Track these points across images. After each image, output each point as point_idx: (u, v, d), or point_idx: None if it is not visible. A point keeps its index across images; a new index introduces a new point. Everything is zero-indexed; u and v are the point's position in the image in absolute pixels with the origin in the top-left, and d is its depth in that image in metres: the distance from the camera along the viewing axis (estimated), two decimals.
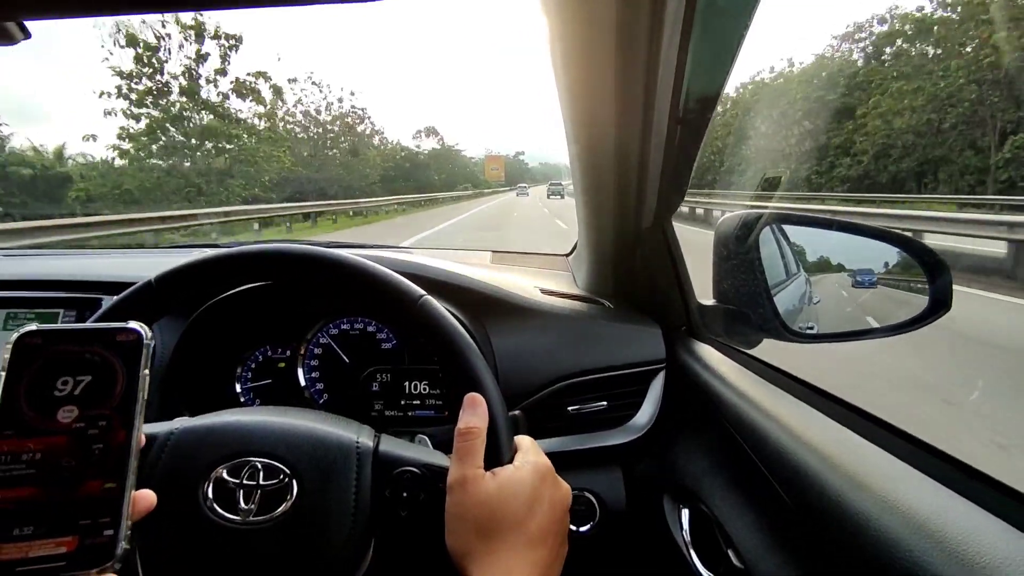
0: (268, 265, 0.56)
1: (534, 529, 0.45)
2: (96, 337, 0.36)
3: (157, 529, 0.45)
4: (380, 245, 1.19)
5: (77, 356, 0.36)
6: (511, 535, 0.44)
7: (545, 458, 0.50)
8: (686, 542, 0.65)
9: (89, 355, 0.36)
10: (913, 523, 0.37)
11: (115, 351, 0.36)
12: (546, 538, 0.45)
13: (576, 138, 0.71)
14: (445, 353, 0.52)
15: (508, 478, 0.46)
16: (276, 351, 0.88)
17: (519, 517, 0.45)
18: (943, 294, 0.63)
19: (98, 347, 0.36)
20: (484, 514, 0.44)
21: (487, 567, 0.43)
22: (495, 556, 0.43)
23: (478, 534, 0.44)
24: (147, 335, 0.37)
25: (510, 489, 0.46)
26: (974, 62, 13.14)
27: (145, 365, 0.36)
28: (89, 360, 0.36)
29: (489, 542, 0.44)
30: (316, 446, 0.49)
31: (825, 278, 0.77)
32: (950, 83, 13.64)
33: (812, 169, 17.48)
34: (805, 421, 0.54)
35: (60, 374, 0.35)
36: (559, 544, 0.47)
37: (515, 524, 0.44)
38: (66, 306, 0.86)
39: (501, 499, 0.45)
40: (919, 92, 14.70)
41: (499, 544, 0.43)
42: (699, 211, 11.30)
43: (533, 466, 0.48)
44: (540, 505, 0.46)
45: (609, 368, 0.80)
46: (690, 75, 0.55)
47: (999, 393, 2.39)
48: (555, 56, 0.60)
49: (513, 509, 0.45)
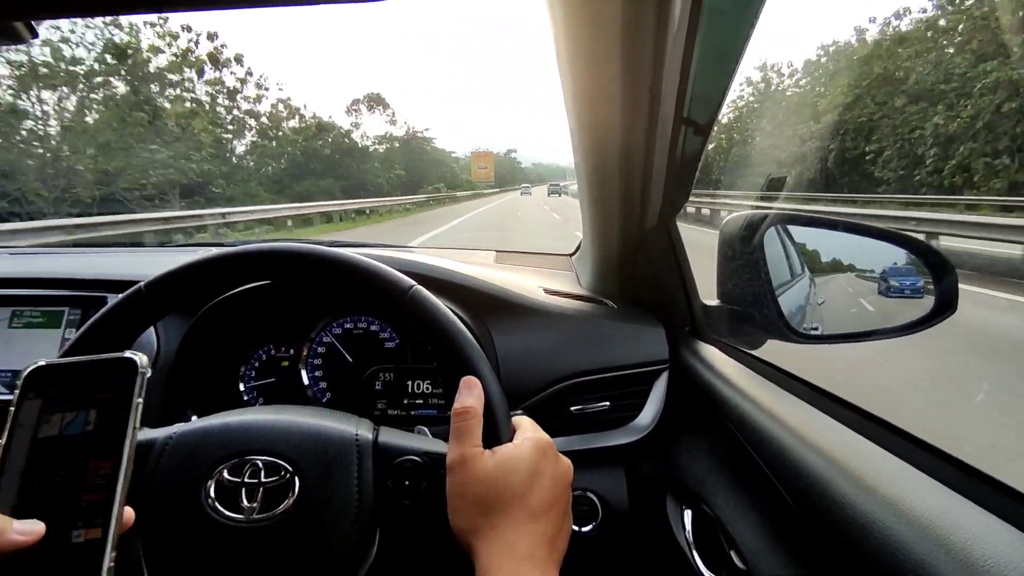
0: (260, 265, 0.56)
1: (536, 503, 0.45)
2: (91, 370, 0.38)
3: (161, 530, 0.45)
4: (383, 244, 1.19)
5: (71, 392, 0.38)
6: (513, 509, 0.44)
7: (545, 434, 0.51)
8: (689, 543, 0.65)
9: (82, 389, 0.38)
10: (918, 526, 0.37)
11: (108, 383, 0.38)
12: (549, 511, 0.46)
13: (581, 138, 0.71)
14: (438, 341, 0.52)
15: (507, 455, 0.47)
16: (279, 350, 0.88)
17: (520, 492, 0.45)
18: (949, 295, 0.62)
19: (89, 384, 0.38)
20: (485, 491, 0.45)
21: (491, 542, 0.43)
22: (499, 531, 0.43)
23: (480, 511, 0.44)
24: (142, 364, 0.38)
25: (510, 465, 0.46)
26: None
27: (139, 394, 0.38)
28: (82, 394, 0.38)
29: (491, 517, 0.44)
30: (316, 441, 0.49)
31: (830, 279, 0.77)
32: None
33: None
34: (809, 422, 0.54)
35: (56, 411, 0.37)
36: (562, 516, 0.47)
37: (516, 499, 0.45)
38: (71, 304, 0.86)
39: (501, 475, 0.45)
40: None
41: (501, 519, 0.44)
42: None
43: (533, 442, 0.48)
44: (541, 479, 0.46)
45: (612, 368, 0.80)
46: (695, 75, 0.55)
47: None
48: (560, 56, 0.59)
49: (513, 484, 0.45)
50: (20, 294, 0.88)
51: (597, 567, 0.75)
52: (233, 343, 0.86)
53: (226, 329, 0.84)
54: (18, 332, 0.85)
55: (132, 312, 0.54)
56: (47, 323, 0.86)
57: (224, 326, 0.83)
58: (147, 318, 0.55)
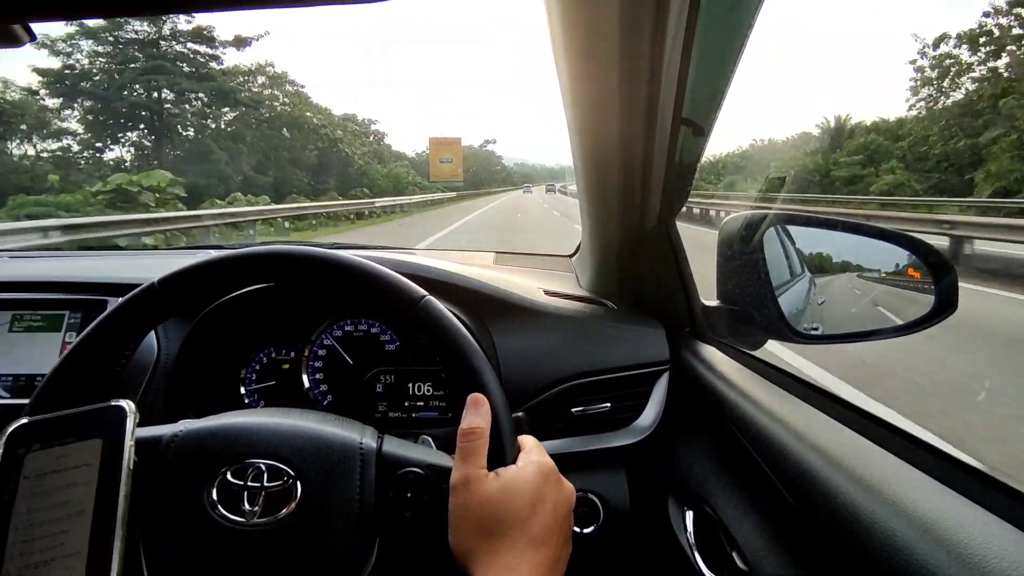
0: (271, 266, 0.56)
1: (537, 529, 0.45)
2: (79, 423, 0.40)
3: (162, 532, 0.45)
4: (383, 247, 1.19)
5: (59, 447, 0.39)
6: (513, 534, 0.44)
7: (548, 458, 0.50)
8: (690, 544, 0.65)
9: (70, 442, 0.39)
10: (919, 526, 0.37)
11: (97, 431, 0.39)
12: (549, 538, 0.45)
13: (580, 139, 0.71)
14: (447, 354, 0.52)
15: (511, 478, 0.46)
16: (280, 352, 0.88)
17: (522, 517, 0.45)
18: (949, 294, 0.62)
19: (76, 437, 0.39)
20: (487, 514, 0.44)
21: (490, 566, 0.43)
22: (498, 555, 0.43)
23: (481, 534, 0.44)
24: (130, 409, 0.40)
25: (513, 489, 0.46)
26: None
27: (131, 437, 0.39)
28: (70, 449, 0.39)
29: (492, 541, 0.44)
30: (320, 447, 0.49)
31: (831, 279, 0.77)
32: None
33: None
34: (810, 423, 0.54)
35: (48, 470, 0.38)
36: (562, 544, 0.47)
37: (518, 524, 0.44)
38: (71, 308, 0.86)
39: (504, 499, 0.45)
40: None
41: (501, 543, 0.44)
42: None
43: (536, 466, 0.48)
44: (543, 505, 0.46)
45: (613, 369, 0.80)
46: (694, 76, 0.55)
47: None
48: (559, 58, 0.60)
49: (516, 509, 0.45)
50: (20, 298, 0.88)
51: (599, 568, 0.75)
52: (234, 346, 0.86)
53: (227, 332, 0.84)
54: (19, 336, 0.85)
55: (144, 309, 0.53)
56: (48, 327, 0.86)
57: (225, 329, 0.83)
58: (158, 316, 0.54)
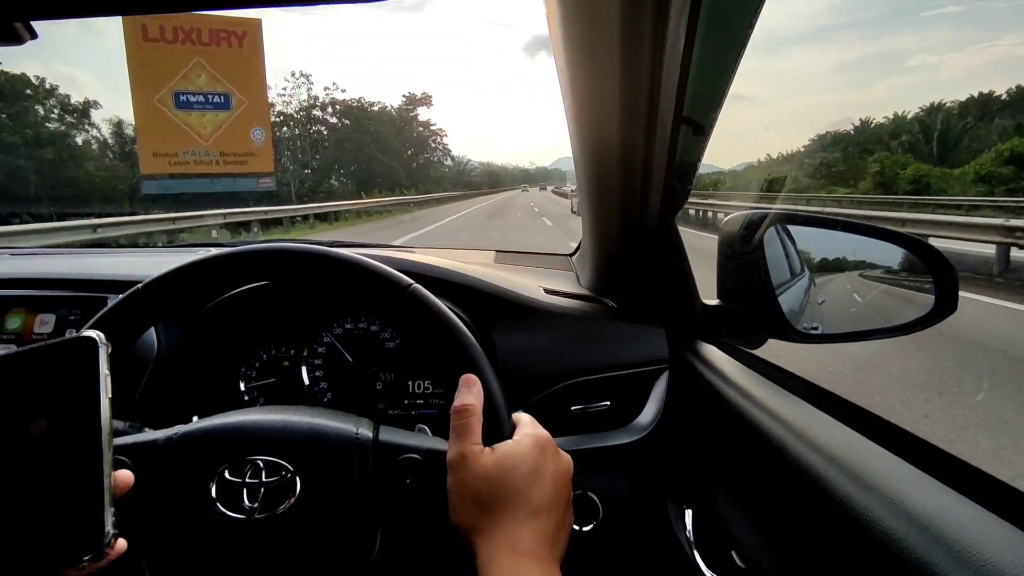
0: (260, 264, 0.56)
1: (537, 499, 0.45)
2: (49, 355, 0.39)
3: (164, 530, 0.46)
4: (382, 244, 1.19)
5: (34, 377, 0.38)
6: (514, 506, 0.44)
7: (544, 431, 0.51)
8: (690, 542, 0.65)
9: (45, 373, 0.38)
10: (918, 525, 0.37)
11: (71, 363, 0.39)
12: (550, 507, 0.46)
13: (581, 138, 0.71)
14: (437, 338, 0.52)
15: (507, 452, 0.47)
16: (280, 350, 0.88)
17: (520, 488, 0.45)
18: (949, 295, 0.62)
19: (52, 366, 0.38)
20: (485, 488, 0.45)
21: (492, 539, 0.43)
22: (499, 527, 0.44)
23: (481, 508, 0.44)
24: (101, 339, 0.39)
25: (510, 462, 0.46)
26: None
27: (105, 366, 0.39)
28: (46, 375, 0.38)
29: (492, 514, 0.44)
30: (316, 441, 0.49)
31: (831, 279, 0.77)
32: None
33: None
34: (809, 422, 0.54)
35: (24, 395, 0.38)
36: (563, 513, 0.47)
37: (516, 495, 0.45)
38: (72, 305, 0.86)
39: (501, 472, 0.45)
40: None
41: (502, 515, 0.44)
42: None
43: (532, 439, 0.48)
44: (541, 476, 0.46)
45: (613, 368, 0.80)
46: (695, 74, 0.55)
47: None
48: (559, 56, 0.59)
49: (514, 481, 0.45)
50: (20, 295, 0.88)
51: (598, 567, 0.75)
52: (234, 343, 0.86)
53: (227, 329, 0.84)
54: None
55: (131, 313, 0.54)
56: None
57: (225, 326, 0.83)
58: (146, 319, 0.55)
